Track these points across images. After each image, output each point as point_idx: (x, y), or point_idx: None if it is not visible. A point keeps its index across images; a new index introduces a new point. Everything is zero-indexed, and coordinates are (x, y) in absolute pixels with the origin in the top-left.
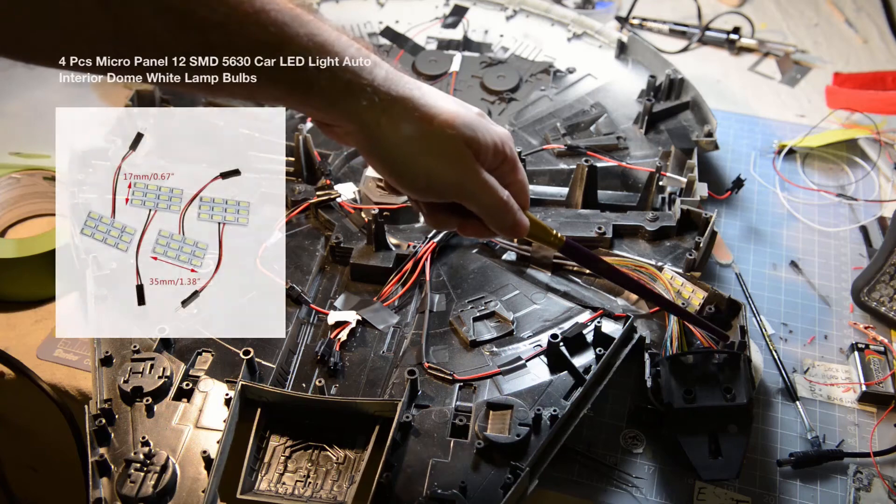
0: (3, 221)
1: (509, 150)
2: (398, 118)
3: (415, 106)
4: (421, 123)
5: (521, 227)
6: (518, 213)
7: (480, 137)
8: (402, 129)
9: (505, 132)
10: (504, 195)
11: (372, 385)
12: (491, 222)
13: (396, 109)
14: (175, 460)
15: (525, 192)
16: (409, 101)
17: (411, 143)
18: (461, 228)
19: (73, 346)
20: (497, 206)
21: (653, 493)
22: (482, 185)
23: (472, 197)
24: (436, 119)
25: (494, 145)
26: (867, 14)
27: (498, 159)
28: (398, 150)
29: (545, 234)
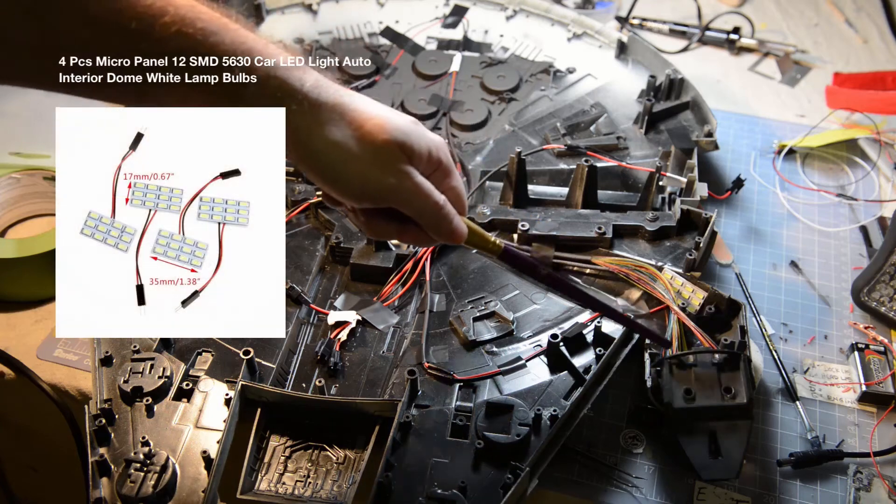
0: (3, 221)
1: (444, 157)
2: (328, 123)
3: (344, 111)
4: (352, 128)
5: (459, 233)
6: (455, 219)
7: (414, 142)
8: (332, 133)
9: (440, 139)
10: (440, 199)
11: (372, 385)
12: (428, 227)
13: (326, 115)
14: (175, 460)
15: (462, 198)
16: (338, 107)
17: (343, 148)
18: (400, 235)
19: (73, 346)
20: (433, 210)
21: (653, 493)
22: (417, 189)
23: (407, 201)
24: (367, 123)
25: (429, 151)
26: (867, 14)
27: (432, 166)
28: (330, 155)
29: (483, 241)
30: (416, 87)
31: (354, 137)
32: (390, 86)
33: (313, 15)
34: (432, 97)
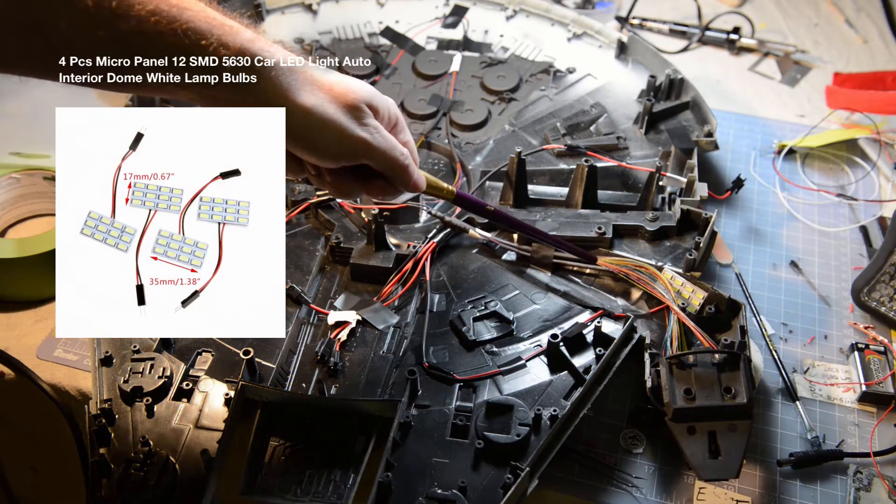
0: (3, 221)
1: (399, 114)
2: (301, 90)
3: (312, 78)
4: (322, 92)
5: (420, 182)
6: (417, 170)
7: (377, 100)
8: (306, 99)
9: (391, 100)
10: (405, 151)
11: (372, 385)
12: (395, 179)
13: (297, 83)
14: (175, 460)
15: (414, 151)
16: (306, 75)
17: (317, 112)
18: (367, 190)
19: (73, 346)
20: (400, 162)
21: (653, 493)
22: (387, 143)
23: (380, 154)
24: (335, 87)
25: (388, 109)
26: (867, 14)
27: (391, 122)
28: (306, 120)
29: (438, 188)
30: (416, 87)
31: (327, 100)
32: (390, 86)
33: (313, 15)
34: (432, 97)
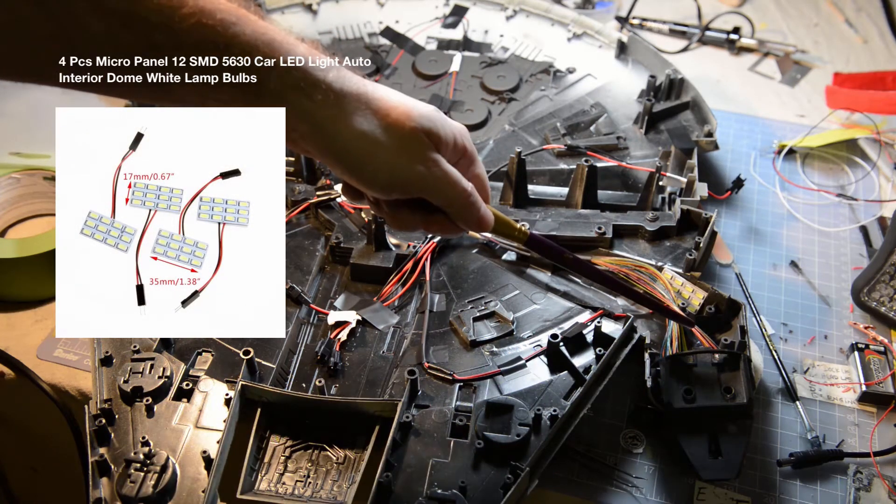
0: (3, 221)
1: (468, 144)
2: (353, 114)
3: (369, 100)
4: (377, 117)
5: (486, 221)
6: (483, 207)
7: (440, 129)
8: (358, 124)
9: (462, 127)
10: (469, 187)
11: (372, 385)
12: (457, 216)
13: (351, 105)
14: (175, 460)
15: (486, 186)
16: (363, 97)
17: (369, 138)
18: (426, 226)
19: (73, 346)
20: (462, 198)
21: (653, 493)
22: (446, 177)
23: (436, 189)
24: (392, 112)
25: (454, 138)
26: (867, 14)
27: (458, 153)
28: (356, 145)
29: (509, 228)
30: (416, 87)
31: (381, 127)
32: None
33: (313, 15)
34: (432, 97)
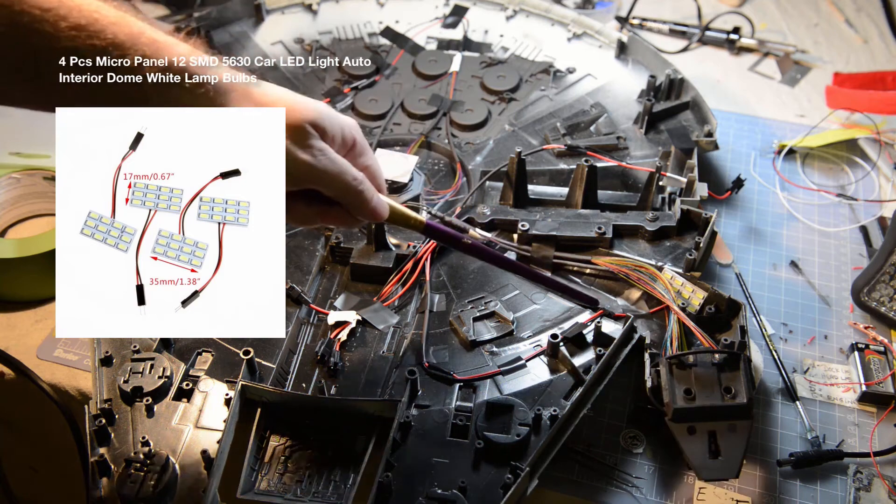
0: (3, 221)
1: (358, 136)
2: (238, 108)
3: (251, 96)
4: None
5: (380, 210)
6: (375, 196)
7: (325, 121)
8: None
9: (351, 121)
10: (358, 175)
11: (372, 385)
12: (350, 206)
13: (234, 101)
14: (175, 460)
15: (379, 176)
16: (246, 93)
17: None
18: (323, 218)
19: (73, 346)
20: (352, 187)
21: (653, 493)
22: (333, 165)
23: (325, 179)
24: (276, 104)
25: (342, 129)
26: (867, 14)
27: (346, 145)
28: None
29: (405, 217)
30: (416, 87)
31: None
32: (390, 86)
33: (313, 15)
34: (432, 97)
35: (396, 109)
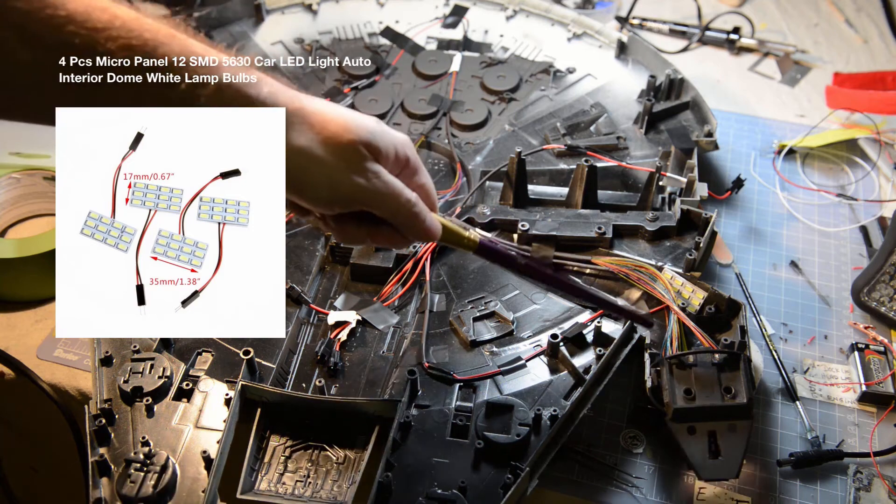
0: (3, 221)
1: (411, 154)
2: (290, 129)
3: (305, 114)
4: (314, 131)
5: (433, 231)
6: (428, 216)
7: (379, 140)
8: (295, 139)
9: (405, 137)
10: (412, 196)
11: (372, 385)
12: (402, 227)
13: (287, 121)
14: (175, 460)
15: (432, 195)
16: (298, 111)
17: (306, 154)
18: (373, 238)
19: (73, 346)
20: (405, 209)
21: (653, 493)
22: (387, 188)
23: (378, 201)
24: (329, 125)
25: (395, 148)
26: (867, 14)
27: (400, 164)
28: (294, 162)
29: (458, 237)
30: (416, 87)
31: (318, 141)
32: (390, 86)
33: (313, 15)
34: (432, 97)
35: (396, 109)
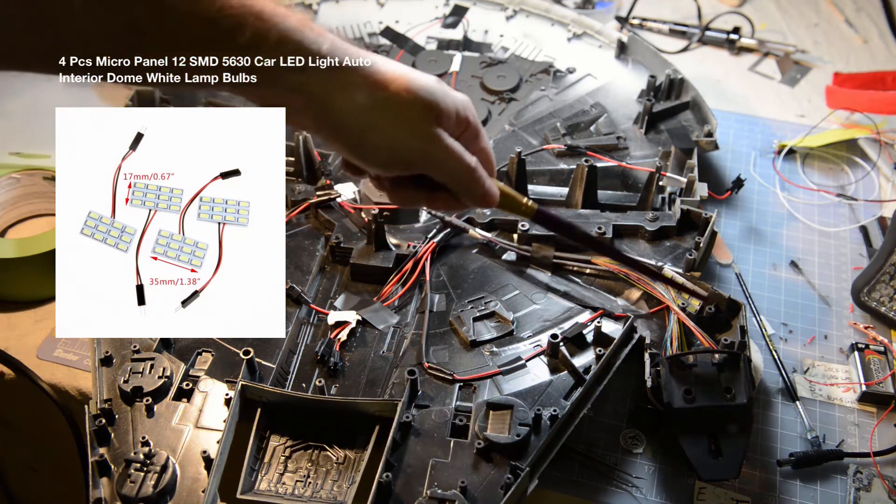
0: (3, 221)
1: (472, 117)
2: (350, 87)
3: (366, 73)
4: (375, 90)
5: (492, 196)
6: (488, 181)
7: (441, 101)
8: (355, 97)
9: (465, 98)
10: (472, 161)
11: (372, 385)
12: (461, 192)
13: (347, 78)
14: (175, 460)
15: (491, 160)
16: (359, 69)
17: (367, 112)
18: (429, 202)
19: (73, 346)
20: (466, 174)
21: (653, 493)
22: (448, 151)
23: (438, 164)
24: (391, 84)
25: (456, 110)
26: (867, 14)
27: (461, 126)
28: (353, 120)
29: (516, 203)
30: None
31: (379, 100)
32: None
33: (313, 15)
34: None
35: None
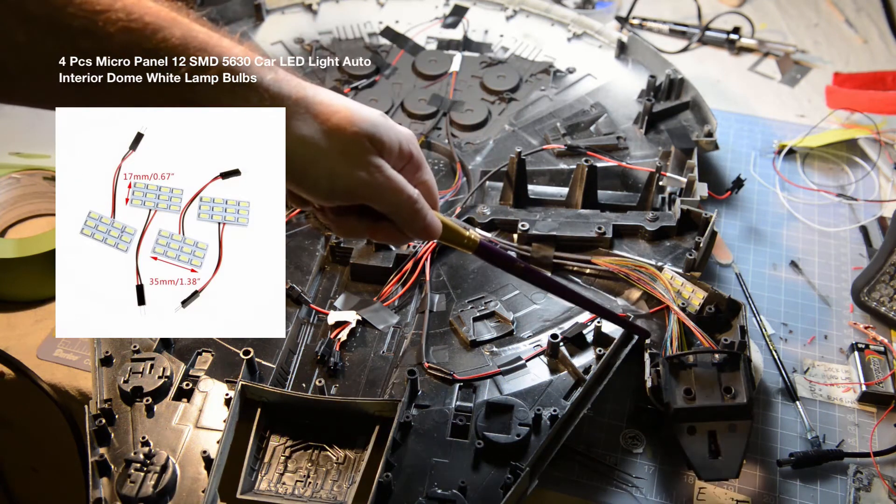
0: (3, 221)
1: (415, 150)
2: (293, 118)
3: (308, 104)
4: (318, 121)
5: (433, 228)
6: (430, 214)
7: (383, 134)
8: (297, 128)
9: (409, 132)
10: (414, 193)
11: (372, 385)
12: (402, 223)
13: (290, 109)
14: (175, 460)
15: (434, 192)
16: (302, 100)
17: (309, 144)
18: (372, 233)
19: (73, 346)
20: (407, 205)
21: (653, 493)
22: (390, 182)
23: (380, 195)
24: (333, 116)
25: (399, 143)
26: (867, 14)
27: (403, 159)
28: (296, 152)
29: (458, 236)
30: (416, 87)
31: (321, 131)
32: (390, 86)
33: (313, 15)
34: (432, 97)
35: (396, 109)
